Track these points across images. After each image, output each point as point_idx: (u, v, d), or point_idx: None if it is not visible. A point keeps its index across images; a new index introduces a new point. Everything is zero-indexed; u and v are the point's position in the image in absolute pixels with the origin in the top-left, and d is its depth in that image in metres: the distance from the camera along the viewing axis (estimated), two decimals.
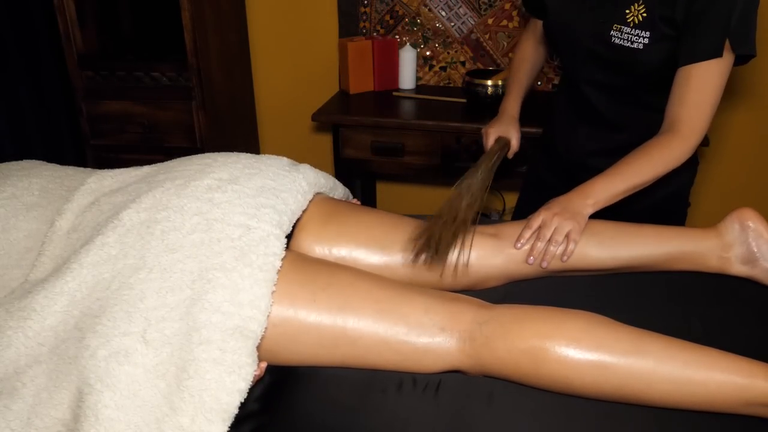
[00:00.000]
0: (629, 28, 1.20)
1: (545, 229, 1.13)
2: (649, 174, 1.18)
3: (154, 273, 0.91)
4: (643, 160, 1.18)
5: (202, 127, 2.23)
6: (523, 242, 1.14)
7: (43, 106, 2.38)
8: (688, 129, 1.18)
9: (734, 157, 2.35)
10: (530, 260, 1.13)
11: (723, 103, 2.25)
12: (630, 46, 1.21)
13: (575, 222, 1.13)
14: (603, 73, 1.30)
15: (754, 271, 1.16)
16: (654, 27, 1.18)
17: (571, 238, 1.13)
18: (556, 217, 1.13)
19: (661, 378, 0.89)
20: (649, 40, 1.19)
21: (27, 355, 0.87)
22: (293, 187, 1.09)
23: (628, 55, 1.22)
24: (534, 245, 1.13)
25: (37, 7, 2.27)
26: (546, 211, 1.15)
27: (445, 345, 0.96)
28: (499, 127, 1.46)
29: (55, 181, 1.20)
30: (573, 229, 1.13)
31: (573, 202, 1.16)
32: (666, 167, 1.18)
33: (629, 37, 1.21)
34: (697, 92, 1.16)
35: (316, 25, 2.46)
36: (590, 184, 1.18)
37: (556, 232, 1.12)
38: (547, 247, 1.12)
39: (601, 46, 1.26)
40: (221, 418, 0.82)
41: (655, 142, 1.20)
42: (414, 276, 1.14)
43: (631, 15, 1.20)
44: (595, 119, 1.38)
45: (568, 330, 0.92)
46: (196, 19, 2.10)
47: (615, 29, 1.22)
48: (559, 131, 1.50)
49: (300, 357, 0.97)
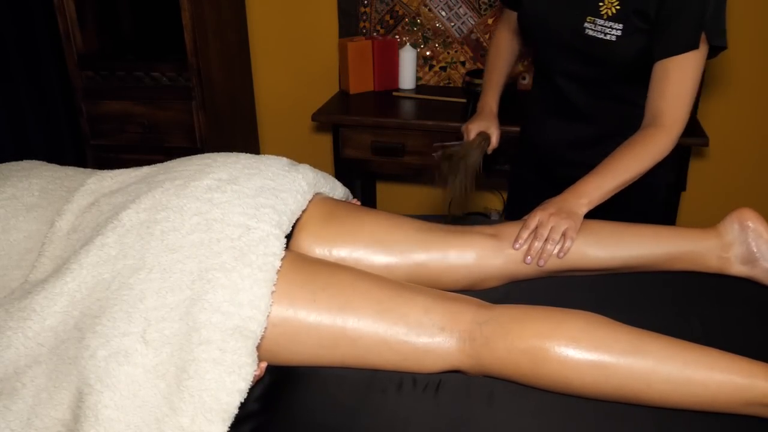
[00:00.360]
0: (602, 20, 1.23)
1: (542, 228, 1.13)
2: (638, 169, 1.20)
3: (153, 273, 0.91)
4: (630, 156, 1.20)
5: (202, 127, 2.23)
6: (521, 242, 1.14)
7: (43, 106, 2.38)
8: (671, 120, 1.20)
9: (734, 157, 2.35)
10: (528, 260, 1.14)
11: (723, 102, 2.26)
12: (603, 38, 1.24)
13: (571, 221, 1.14)
14: (577, 64, 1.33)
15: (753, 271, 1.16)
16: (627, 20, 1.21)
17: (568, 236, 1.13)
18: (552, 217, 1.14)
19: (661, 378, 0.89)
20: (622, 32, 1.22)
21: (27, 355, 0.87)
22: (293, 188, 1.09)
23: (602, 47, 1.25)
24: (531, 245, 1.14)
25: (37, 7, 2.27)
26: (542, 212, 1.16)
27: (445, 345, 0.96)
28: (479, 123, 1.47)
29: (55, 181, 1.20)
30: (570, 227, 1.13)
31: (568, 202, 1.17)
32: (652, 160, 1.21)
33: (602, 29, 1.23)
34: (676, 84, 1.20)
35: (316, 25, 2.46)
36: (582, 183, 1.20)
37: (553, 231, 1.13)
38: (544, 246, 1.13)
39: (575, 37, 1.28)
40: (221, 418, 0.82)
41: (640, 137, 1.22)
42: (414, 276, 1.14)
43: (605, 7, 1.23)
44: (569, 112, 1.40)
45: (568, 330, 0.92)
46: (196, 19, 2.10)
47: (589, 21, 1.25)
48: (534, 126, 1.52)
49: (300, 357, 0.97)
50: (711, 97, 2.26)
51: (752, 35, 2.17)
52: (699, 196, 2.41)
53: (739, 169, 2.37)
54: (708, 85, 2.24)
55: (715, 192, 2.41)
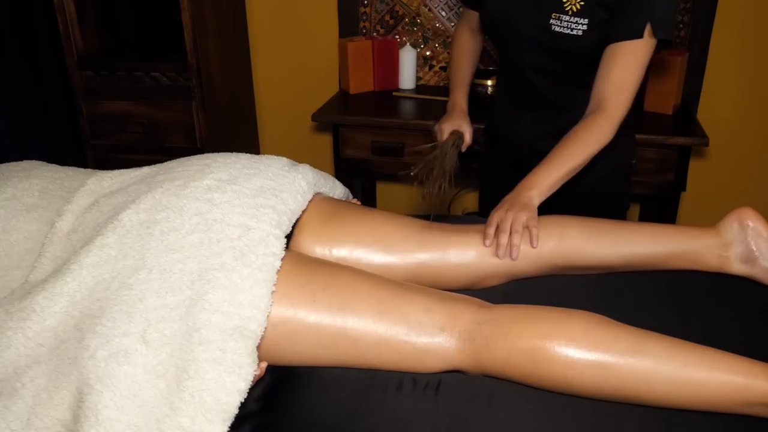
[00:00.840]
0: (568, 16, 1.27)
1: (503, 224, 1.15)
2: (583, 155, 1.23)
3: (153, 273, 0.91)
4: (574, 144, 1.24)
5: (202, 127, 2.23)
6: (489, 241, 1.16)
7: (43, 106, 2.38)
8: (614, 105, 1.25)
9: (734, 157, 2.35)
10: (500, 254, 1.14)
11: (723, 102, 2.26)
12: (570, 33, 1.28)
13: (527, 212, 1.16)
14: (545, 58, 1.36)
15: (753, 270, 1.16)
16: (591, 14, 1.25)
17: (531, 225, 1.15)
18: (508, 212, 1.16)
19: (661, 378, 0.89)
20: (587, 26, 1.26)
21: (27, 355, 0.87)
22: (293, 188, 1.09)
23: (569, 42, 1.29)
24: (498, 241, 1.15)
25: (37, 7, 2.27)
26: (498, 210, 1.18)
27: (445, 345, 0.96)
28: (451, 122, 1.48)
29: (55, 182, 1.20)
30: (529, 216, 1.15)
31: (520, 196, 1.19)
32: (598, 145, 1.25)
33: (569, 24, 1.27)
34: (621, 69, 1.24)
35: (316, 25, 2.46)
36: (530, 176, 1.22)
37: (515, 223, 1.15)
38: (510, 239, 1.14)
39: (543, 34, 1.31)
40: (221, 418, 0.82)
41: (584, 125, 1.26)
42: (414, 275, 1.14)
43: (569, 4, 1.27)
44: (539, 103, 1.44)
45: (568, 330, 0.92)
46: (196, 19, 2.10)
47: (554, 18, 1.28)
48: (504, 120, 1.54)
49: (300, 357, 0.97)
50: (711, 97, 2.26)
51: (752, 35, 2.17)
52: (699, 196, 2.40)
53: (739, 169, 2.37)
54: (708, 85, 2.24)
55: (715, 192, 2.41)
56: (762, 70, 2.21)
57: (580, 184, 1.31)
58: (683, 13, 2.17)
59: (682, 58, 2.03)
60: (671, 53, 2.05)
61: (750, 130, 2.30)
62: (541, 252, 1.16)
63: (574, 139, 1.24)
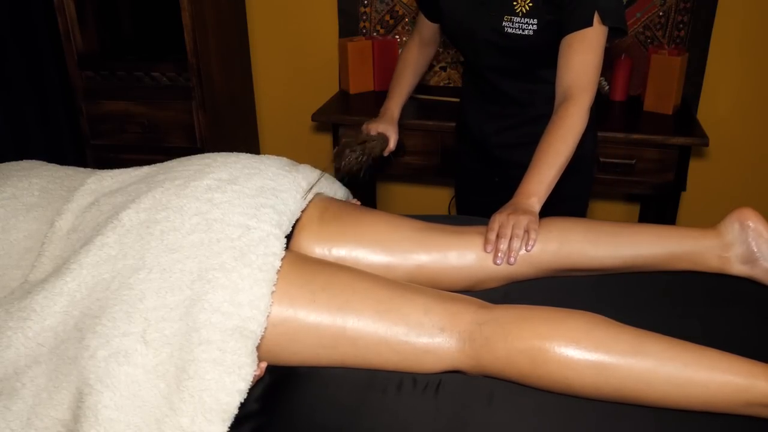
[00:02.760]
0: (519, 17, 1.33)
1: (504, 228, 1.15)
2: (567, 149, 1.26)
3: (153, 273, 0.91)
4: (555, 141, 1.26)
5: (202, 127, 2.23)
6: (490, 247, 1.16)
7: (43, 106, 2.38)
8: (579, 90, 1.28)
9: (734, 157, 2.35)
10: (498, 261, 1.14)
11: (722, 102, 2.26)
12: (522, 33, 1.33)
13: (530, 215, 1.17)
14: (502, 59, 1.42)
15: (754, 270, 1.16)
16: (540, 14, 1.31)
17: (531, 228, 1.15)
18: (510, 216, 1.16)
19: (661, 378, 0.89)
20: (537, 26, 1.32)
21: (27, 355, 0.87)
22: (293, 188, 1.09)
23: (522, 42, 1.35)
24: (496, 245, 1.15)
25: (37, 7, 2.27)
26: (499, 215, 1.18)
27: (445, 345, 0.96)
28: (379, 124, 1.55)
29: (55, 181, 1.20)
30: (530, 220, 1.16)
31: (520, 204, 1.20)
32: (576, 135, 1.27)
33: (520, 25, 1.33)
34: (579, 55, 1.28)
35: (316, 25, 2.46)
36: (526, 184, 1.24)
37: (516, 227, 1.15)
38: (510, 243, 1.14)
39: (497, 36, 1.37)
40: (221, 418, 0.82)
41: (556, 119, 1.28)
42: (414, 276, 1.14)
43: (519, 6, 1.32)
44: (502, 100, 1.51)
45: (568, 330, 0.92)
46: (196, 19, 2.10)
47: (506, 20, 1.34)
48: (472, 117, 1.60)
49: (300, 357, 0.97)
50: (711, 97, 2.26)
51: (752, 35, 2.17)
52: (699, 196, 2.40)
53: (739, 169, 2.37)
54: (708, 85, 2.24)
55: (715, 192, 2.41)
56: (762, 70, 2.21)
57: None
58: (683, 13, 2.17)
59: (682, 58, 2.03)
60: (671, 53, 2.05)
61: (750, 130, 2.30)
62: (542, 256, 1.16)
63: (553, 136, 1.27)
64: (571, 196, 1.54)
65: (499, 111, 1.53)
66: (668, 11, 2.19)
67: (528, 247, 1.15)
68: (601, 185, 2.01)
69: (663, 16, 2.19)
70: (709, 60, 2.21)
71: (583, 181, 1.60)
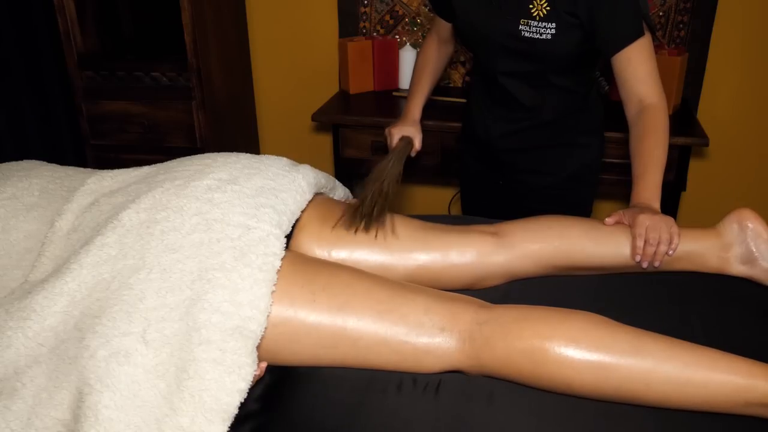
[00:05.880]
0: (536, 21, 1.31)
1: (653, 232, 1.12)
2: (665, 150, 1.25)
3: (153, 273, 0.91)
4: (653, 145, 1.24)
5: (202, 127, 2.23)
6: (639, 256, 1.14)
7: (43, 106, 2.38)
8: (657, 95, 1.28)
9: (734, 157, 2.35)
10: (645, 264, 1.14)
11: (722, 102, 2.26)
12: (539, 37, 1.32)
13: (668, 220, 1.14)
14: (517, 63, 1.41)
15: (753, 271, 1.16)
16: (559, 18, 1.30)
17: (674, 233, 1.13)
18: (658, 223, 1.13)
19: (661, 378, 0.89)
20: (556, 31, 1.31)
21: (27, 355, 0.87)
22: (293, 188, 1.09)
23: (539, 46, 1.34)
24: (645, 250, 1.13)
25: (37, 7, 2.27)
26: (644, 217, 1.14)
27: (445, 345, 0.96)
28: (401, 128, 1.55)
29: (55, 181, 1.20)
30: (671, 224, 1.14)
31: (651, 209, 1.17)
32: (666, 136, 1.26)
33: (537, 29, 1.32)
34: (643, 66, 1.28)
35: (316, 25, 2.46)
36: (642, 190, 1.21)
37: (663, 231, 1.12)
38: (658, 247, 1.12)
39: (513, 40, 1.36)
40: (221, 418, 0.82)
41: (644, 126, 1.26)
42: (414, 275, 1.14)
43: (536, 9, 1.31)
44: (512, 104, 1.49)
45: (568, 330, 0.92)
46: (196, 19, 2.10)
47: (523, 23, 1.33)
48: (479, 120, 1.60)
49: (300, 357, 0.97)
50: (711, 97, 2.26)
51: (752, 35, 2.17)
52: (699, 196, 2.40)
53: (739, 169, 2.37)
54: (708, 85, 2.24)
55: (715, 192, 2.41)
56: (762, 70, 2.21)
57: (545, 180, 1.41)
58: (683, 13, 2.17)
59: (682, 58, 2.03)
60: (671, 53, 2.05)
61: (750, 130, 2.30)
62: (542, 252, 1.16)
63: (649, 141, 1.25)
64: (576, 204, 1.55)
65: (506, 115, 1.52)
66: (668, 11, 2.19)
67: (670, 252, 1.13)
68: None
69: (663, 16, 2.19)
70: (709, 60, 2.21)
71: (588, 190, 1.60)
